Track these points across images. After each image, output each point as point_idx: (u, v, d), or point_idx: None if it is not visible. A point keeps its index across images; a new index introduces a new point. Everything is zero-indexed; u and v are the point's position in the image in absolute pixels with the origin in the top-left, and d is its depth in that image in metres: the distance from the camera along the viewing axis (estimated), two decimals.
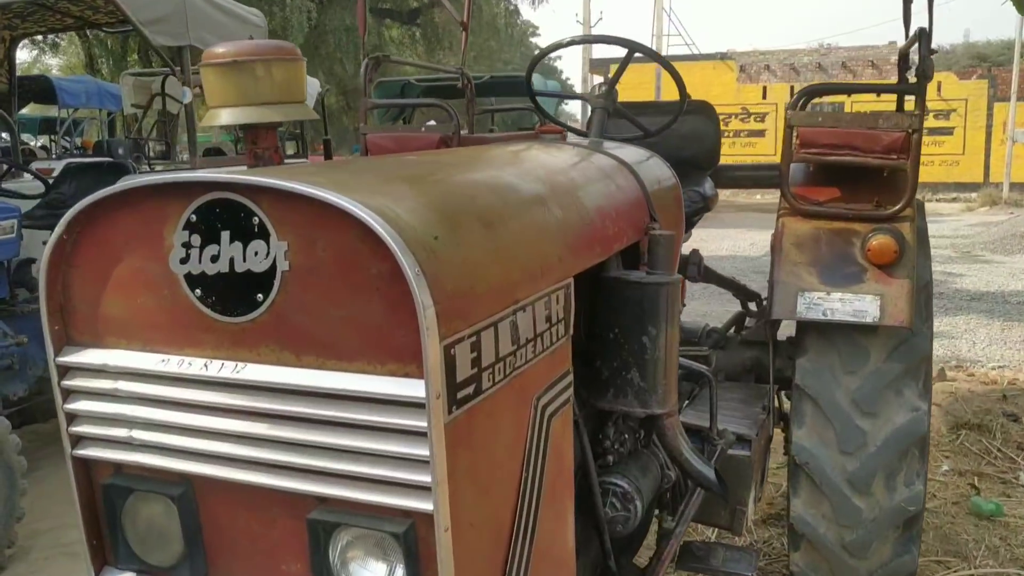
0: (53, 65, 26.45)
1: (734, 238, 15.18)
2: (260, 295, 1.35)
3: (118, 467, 1.54)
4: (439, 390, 1.25)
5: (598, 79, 28.60)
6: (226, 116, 2.21)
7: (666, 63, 3.16)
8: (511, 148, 2.35)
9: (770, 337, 3.39)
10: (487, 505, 1.45)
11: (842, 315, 2.94)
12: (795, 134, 3.12)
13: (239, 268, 1.36)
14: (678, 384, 2.22)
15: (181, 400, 1.43)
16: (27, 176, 7.30)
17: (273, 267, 1.33)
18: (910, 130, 2.96)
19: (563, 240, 1.77)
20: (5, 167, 5.61)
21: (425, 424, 1.26)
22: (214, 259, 1.37)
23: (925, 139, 3.09)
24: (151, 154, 11.01)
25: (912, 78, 3.08)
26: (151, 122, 11.20)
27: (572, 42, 3.17)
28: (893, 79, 4.16)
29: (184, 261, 1.39)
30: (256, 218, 1.33)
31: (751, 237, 15.10)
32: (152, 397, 1.46)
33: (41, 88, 11.80)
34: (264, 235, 1.33)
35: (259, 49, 2.19)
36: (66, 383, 1.51)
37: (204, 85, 2.24)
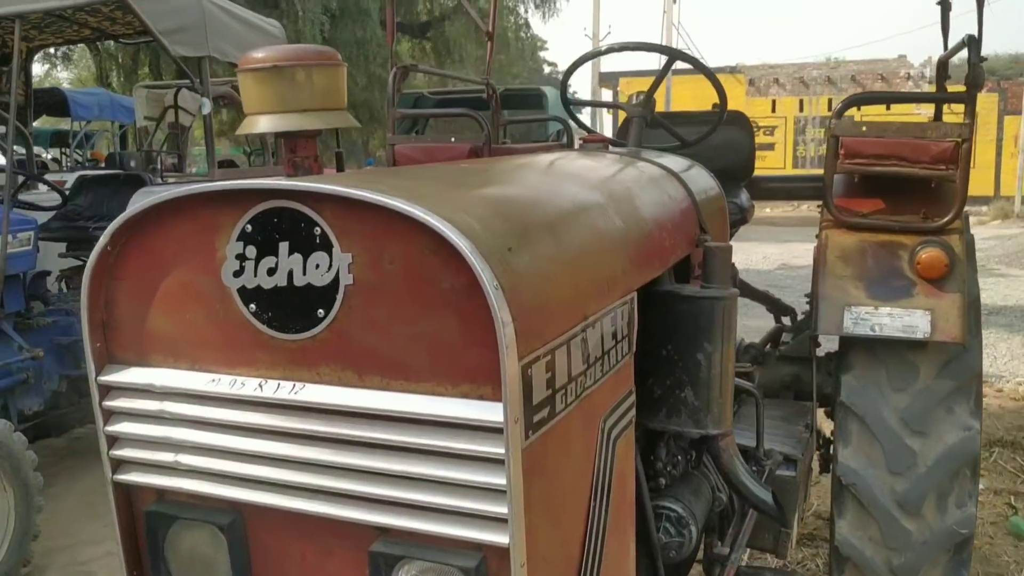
0: (64, 79, 26.53)
1: (746, 251, 15.06)
2: (321, 310, 1.26)
3: (161, 493, 1.45)
4: (518, 414, 1.16)
5: (607, 92, 28.62)
6: (264, 123, 2.12)
7: (708, 71, 3.08)
8: (559, 157, 2.27)
9: (813, 353, 3.28)
10: (558, 536, 1.35)
11: (891, 330, 2.84)
12: (840, 144, 3.02)
13: (298, 282, 1.27)
14: None
15: (232, 422, 1.34)
16: (42, 188, 7.26)
17: (336, 281, 1.25)
18: (960, 139, 2.87)
19: (626, 252, 1.68)
20: (22, 179, 5.54)
21: (502, 451, 1.16)
22: (271, 272, 1.28)
23: None
24: (162, 167, 10.98)
25: (949, 87, 3.00)
26: (163, 135, 11.16)
27: (611, 49, 3.10)
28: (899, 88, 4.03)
29: (238, 274, 1.31)
30: (318, 228, 1.24)
31: (763, 250, 15.00)
32: (201, 419, 1.36)
33: (54, 101, 11.78)
34: (326, 246, 1.25)
35: (300, 54, 2.11)
36: (108, 403, 1.42)
37: (241, 91, 2.16)
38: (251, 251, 1.29)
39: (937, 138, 2.91)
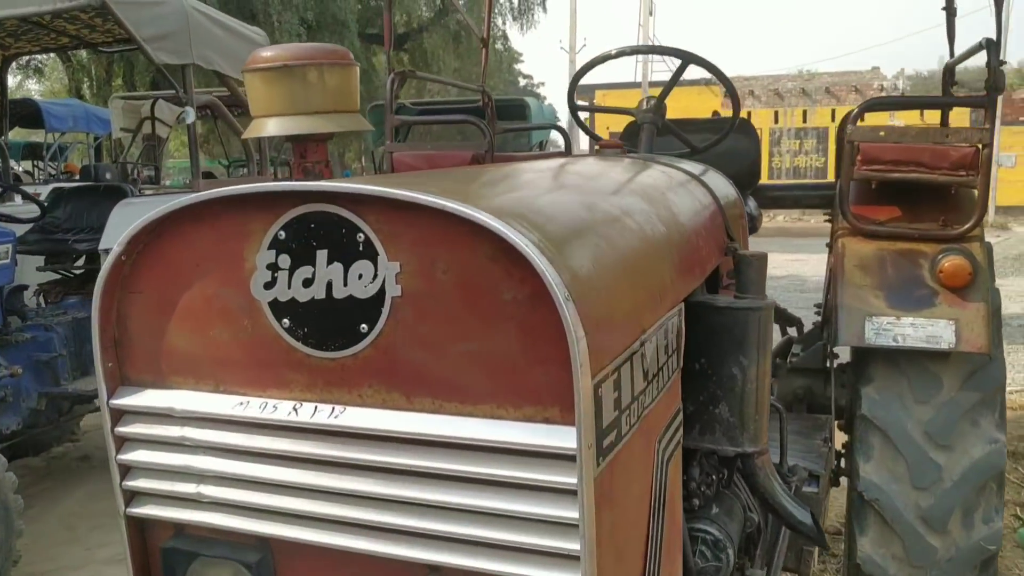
0: (35, 90, 26.13)
1: None
2: (364, 325, 1.14)
3: (180, 528, 1.31)
4: (591, 439, 1.05)
5: (583, 103, 28.60)
6: (273, 126, 2.00)
7: (722, 75, 3.00)
8: (583, 162, 2.16)
9: (831, 365, 3.20)
10: (623, 570, 1.24)
11: (914, 341, 2.76)
12: (856, 150, 2.95)
13: (338, 294, 1.15)
14: None
15: (262, 450, 1.21)
16: (17, 200, 7.05)
17: (381, 292, 1.13)
18: (980, 145, 2.80)
19: (672, 260, 1.57)
20: (1, 189, 5.36)
21: (574, 480, 1.05)
22: (307, 283, 1.16)
23: None
24: (139, 179, 10.78)
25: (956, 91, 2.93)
26: (139, 147, 10.95)
27: (621, 53, 3.00)
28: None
29: (269, 286, 1.18)
30: (361, 234, 1.12)
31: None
32: (227, 446, 1.23)
33: (27, 112, 11.50)
34: (370, 254, 1.13)
35: (312, 52, 1.99)
36: (121, 429, 1.29)
37: (249, 92, 2.04)
38: (284, 260, 1.17)
39: (958, 143, 2.85)
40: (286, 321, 1.18)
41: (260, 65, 1.96)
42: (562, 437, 1.05)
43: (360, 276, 1.13)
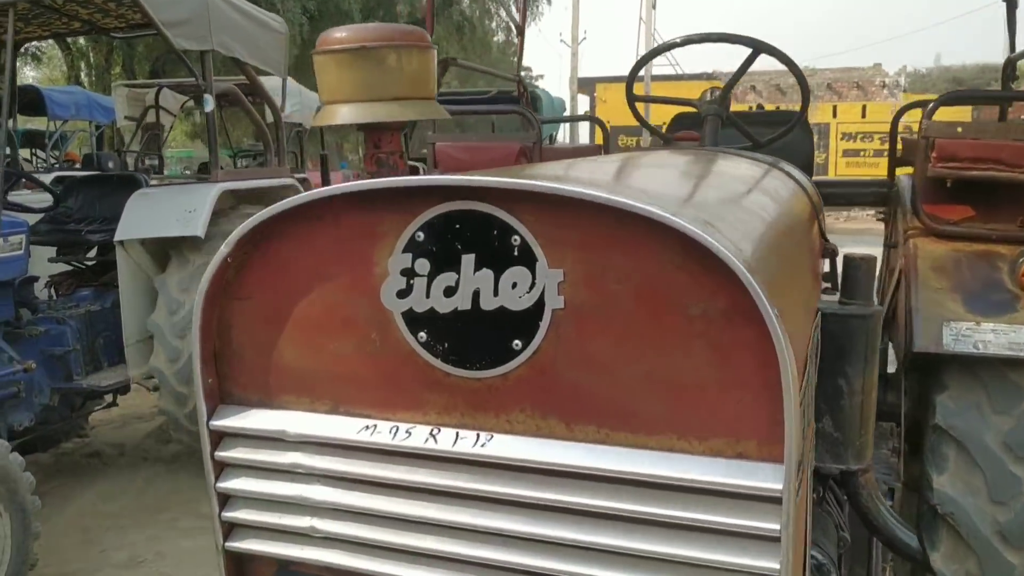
0: (32, 78, 25.81)
1: None
2: (517, 341, 0.99)
3: (285, 564, 1.16)
4: (795, 478, 0.90)
5: (584, 98, 28.47)
6: (346, 113, 1.85)
7: (793, 65, 2.86)
8: (680, 156, 2.01)
9: (903, 371, 3.06)
10: None
11: (997, 348, 2.62)
12: (931, 145, 2.80)
13: (487, 305, 1.00)
14: None
15: (392, 481, 1.06)
16: (25, 189, 6.86)
17: (540, 304, 0.98)
18: None
19: (809, 265, 1.43)
20: (14, 177, 5.19)
21: (776, 526, 0.90)
22: (449, 292, 1.01)
23: None
24: (143, 168, 10.61)
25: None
26: (142, 135, 10.76)
27: (688, 41, 2.86)
28: (879, 100, 3.71)
29: (404, 294, 1.03)
30: (516, 237, 0.98)
31: None
32: (348, 475, 1.08)
33: (29, 99, 11.26)
34: (528, 260, 0.98)
35: (390, 33, 1.85)
36: (222, 454, 1.14)
37: (318, 76, 1.89)
38: (422, 265, 1.02)
39: None
40: (423, 335, 1.03)
41: (335, 47, 1.81)
42: (763, 476, 0.91)
43: (514, 285, 0.98)
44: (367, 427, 1.06)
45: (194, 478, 5.27)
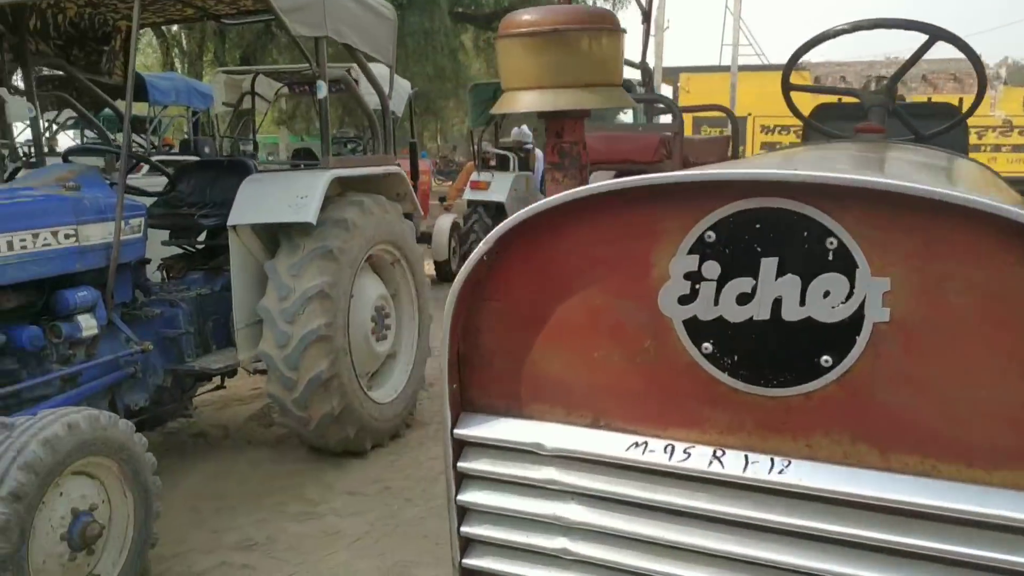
0: None
1: None
2: (827, 357, 0.88)
3: None
4: None
5: (667, 88, 28.02)
6: (530, 100, 1.75)
7: (971, 52, 2.67)
8: (888, 149, 1.86)
9: None
10: None
11: None
12: None
13: (790, 315, 0.89)
14: None
15: (664, 505, 0.96)
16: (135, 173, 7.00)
17: (858, 315, 0.86)
18: None
19: None
20: (135, 161, 5.27)
21: None
22: (743, 299, 0.90)
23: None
24: (240, 154, 10.81)
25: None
26: (237, 122, 10.94)
27: (857, 27, 2.69)
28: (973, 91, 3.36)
29: (686, 300, 0.93)
30: (832, 240, 0.86)
31: None
32: (610, 495, 0.99)
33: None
34: (846, 266, 0.86)
35: (581, 16, 1.73)
36: (464, 465, 1.05)
37: (501, 60, 1.79)
38: (711, 269, 0.91)
39: None
40: (708, 345, 0.93)
41: (523, 29, 1.71)
42: None
43: (826, 294, 0.87)
44: (636, 444, 0.96)
45: (298, 463, 5.29)
